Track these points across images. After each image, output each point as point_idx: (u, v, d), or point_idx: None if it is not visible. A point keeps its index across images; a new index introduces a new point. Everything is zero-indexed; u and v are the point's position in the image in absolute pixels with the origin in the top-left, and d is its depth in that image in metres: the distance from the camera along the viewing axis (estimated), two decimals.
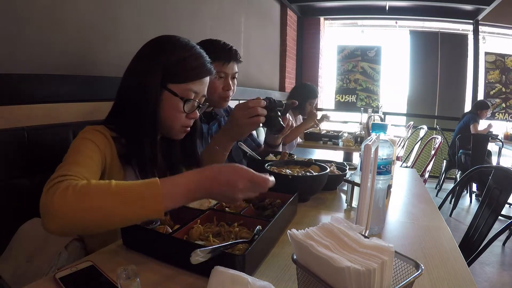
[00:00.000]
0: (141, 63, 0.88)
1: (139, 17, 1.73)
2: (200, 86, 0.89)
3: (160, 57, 0.86)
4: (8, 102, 1.03)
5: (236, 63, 1.37)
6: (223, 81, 1.34)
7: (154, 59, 0.86)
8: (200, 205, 0.84)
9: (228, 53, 1.32)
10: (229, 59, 1.32)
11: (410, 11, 4.76)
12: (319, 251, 0.43)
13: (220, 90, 1.34)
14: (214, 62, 1.28)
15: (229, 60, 1.32)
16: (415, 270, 0.46)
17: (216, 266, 0.53)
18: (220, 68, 1.31)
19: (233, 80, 1.39)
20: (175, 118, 0.88)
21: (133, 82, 0.87)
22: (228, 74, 1.34)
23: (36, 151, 1.06)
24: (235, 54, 1.34)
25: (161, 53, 0.87)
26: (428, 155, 3.54)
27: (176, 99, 0.86)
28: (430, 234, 0.85)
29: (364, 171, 0.60)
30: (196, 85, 0.88)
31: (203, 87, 0.90)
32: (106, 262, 0.63)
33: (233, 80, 1.38)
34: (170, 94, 0.86)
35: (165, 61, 0.85)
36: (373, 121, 2.65)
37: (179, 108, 0.87)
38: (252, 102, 1.07)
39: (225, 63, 1.31)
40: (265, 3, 3.88)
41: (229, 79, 1.35)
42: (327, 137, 2.82)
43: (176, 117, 0.88)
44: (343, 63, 5.42)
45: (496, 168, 1.40)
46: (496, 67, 5.02)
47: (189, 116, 0.90)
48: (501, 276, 2.34)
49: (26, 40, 1.17)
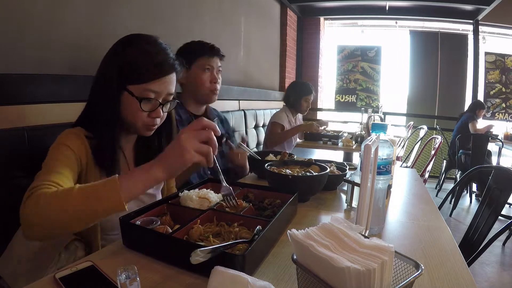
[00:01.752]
0: (102, 64, 0.90)
1: (139, 17, 1.73)
2: (160, 86, 0.87)
3: (118, 57, 0.86)
4: (8, 102, 1.03)
5: (219, 58, 1.46)
6: (210, 74, 1.43)
7: (113, 60, 0.87)
8: (200, 205, 0.84)
9: (211, 48, 1.43)
10: (212, 53, 1.42)
11: (410, 11, 4.76)
12: (319, 251, 0.43)
13: (208, 83, 1.42)
14: (200, 57, 1.40)
15: (212, 54, 1.42)
16: (415, 270, 0.46)
17: (216, 266, 0.53)
18: (206, 61, 1.41)
19: (218, 74, 1.46)
20: (136, 116, 0.87)
21: (95, 83, 0.90)
22: (213, 67, 1.43)
23: (36, 151, 1.06)
24: (217, 50, 1.45)
25: (119, 53, 0.87)
26: (428, 155, 3.53)
27: (133, 99, 0.85)
28: (430, 234, 0.85)
29: (364, 171, 0.60)
30: (155, 84, 0.86)
31: (165, 85, 0.88)
32: (106, 262, 0.63)
33: (218, 74, 1.46)
34: (128, 95, 0.86)
35: (121, 62, 0.85)
36: (373, 121, 2.65)
37: (137, 108, 0.86)
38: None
39: (209, 57, 1.42)
40: (265, 3, 3.88)
41: (214, 72, 1.43)
42: (327, 137, 2.82)
43: (137, 115, 0.87)
44: (343, 63, 5.42)
45: (496, 168, 1.40)
46: (496, 67, 5.02)
47: (151, 115, 0.88)
48: (501, 276, 2.34)
49: (26, 40, 1.17)
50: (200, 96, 1.46)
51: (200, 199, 0.85)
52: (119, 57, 0.86)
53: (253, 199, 0.94)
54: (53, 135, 1.12)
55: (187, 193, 0.88)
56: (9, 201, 0.98)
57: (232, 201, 0.84)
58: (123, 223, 0.70)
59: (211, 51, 1.43)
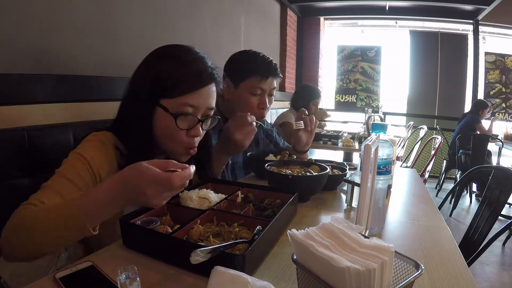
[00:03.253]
0: (133, 77, 0.83)
1: (139, 17, 1.73)
2: (199, 98, 0.78)
3: (150, 69, 0.79)
4: (8, 102, 1.03)
5: (275, 78, 1.26)
6: (259, 98, 1.24)
7: (142, 73, 0.81)
8: (200, 205, 0.84)
9: (268, 67, 1.22)
10: (267, 74, 1.22)
11: (410, 11, 4.76)
12: (319, 251, 0.43)
13: (255, 109, 1.24)
14: (251, 76, 1.21)
15: (267, 75, 1.22)
16: (415, 270, 0.46)
17: (216, 266, 0.53)
18: (257, 84, 1.22)
19: (270, 97, 1.29)
20: (173, 136, 0.79)
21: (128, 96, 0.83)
22: (265, 90, 1.24)
23: (36, 151, 1.06)
24: (274, 69, 1.24)
25: (151, 65, 0.80)
26: (428, 155, 3.53)
27: (168, 115, 0.77)
28: (430, 234, 0.84)
29: (364, 171, 0.60)
30: (193, 97, 0.77)
31: (203, 98, 0.79)
32: (106, 262, 0.63)
33: (270, 97, 1.28)
34: (162, 111, 0.77)
35: (156, 73, 0.78)
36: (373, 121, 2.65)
37: (173, 126, 0.77)
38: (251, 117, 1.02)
39: (262, 79, 1.21)
40: (265, 3, 3.88)
41: (265, 96, 1.26)
42: (327, 137, 2.82)
43: (173, 135, 0.79)
44: (343, 63, 5.42)
45: (496, 168, 1.40)
46: (496, 67, 5.02)
47: (189, 134, 0.80)
48: (501, 276, 2.34)
49: (26, 40, 1.17)
50: None
51: (200, 199, 0.85)
52: (151, 69, 0.79)
53: (253, 199, 0.94)
54: (53, 135, 1.13)
55: (187, 193, 0.88)
56: (9, 201, 0.98)
57: None
58: (123, 223, 0.70)
59: (266, 71, 1.22)
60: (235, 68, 1.26)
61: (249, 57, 1.26)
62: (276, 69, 1.26)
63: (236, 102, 1.27)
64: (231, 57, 1.32)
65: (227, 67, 1.30)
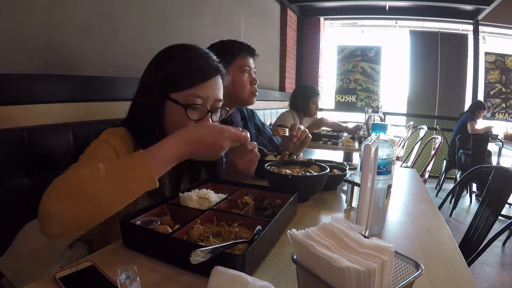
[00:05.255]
0: (143, 77, 0.88)
1: (139, 17, 1.73)
2: (207, 90, 0.83)
3: (159, 68, 0.84)
4: (8, 102, 1.03)
5: (254, 59, 1.39)
6: (249, 75, 1.36)
7: (154, 71, 0.85)
8: (200, 205, 0.84)
9: (247, 47, 1.36)
10: (248, 53, 1.35)
11: (410, 11, 4.76)
12: (319, 251, 0.43)
13: (248, 85, 1.35)
14: (237, 58, 1.33)
15: (249, 53, 1.36)
16: (415, 270, 0.46)
17: (216, 266, 0.53)
18: (244, 62, 1.33)
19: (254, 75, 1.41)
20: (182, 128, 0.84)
21: (138, 95, 0.87)
22: (251, 68, 1.37)
23: (36, 151, 1.06)
24: (253, 50, 1.38)
25: (161, 62, 0.85)
26: (428, 155, 3.54)
27: (180, 108, 0.82)
28: (430, 234, 0.84)
29: (364, 171, 0.60)
30: (200, 89, 0.82)
31: (211, 90, 0.84)
32: (106, 262, 0.63)
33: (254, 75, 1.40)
34: (173, 104, 0.82)
35: (164, 71, 0.83)
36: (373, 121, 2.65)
37: (184, 117, 0.81)
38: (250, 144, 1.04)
39: (247, 57, 1.34)
40: (265, 3, 3.88)
41: (252, 73, 1.38)
42: (327, 137, 2.82)
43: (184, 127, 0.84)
44: (343, 63, 5.42)
45: (496, 168, 1.40)
46: (496, 67, 5.02)
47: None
48: (501, 276, 2.34)
49: (26, 40, 1.17)
50: (240, 100, 1.36)
51: (200, 199, 0.85)
52: (160, 67, 0.84)
53: (253, 199, 0.94)
54: (53, 135, 1.13)
55: (187, 193, 0.88)
56: (9, 201, 0.98)
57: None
58: (123, 223, 0.70)
59: (248, 51, 1.35)
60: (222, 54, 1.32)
61: (229, 43, 1.37)
62: (254, 49, 1.38)
63: (230, 85, 1.31)
64: (211, 46, 1.38)
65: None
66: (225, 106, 0.95)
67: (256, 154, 1.06)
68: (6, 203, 0.97)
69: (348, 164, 1.32)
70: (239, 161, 1.04)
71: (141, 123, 0.84)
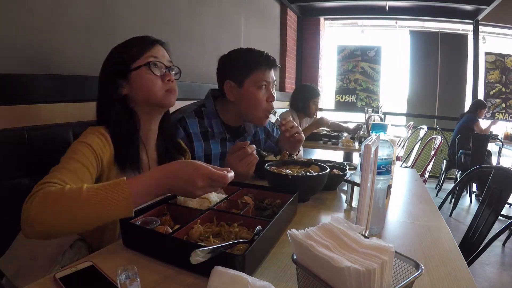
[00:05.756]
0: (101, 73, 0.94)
1: (139, 17, 1.73)
2: (157, 52, 0.93)
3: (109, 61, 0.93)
4: (8, 102, 1.03)
5: (275, 69, 1.28)
6: (266, 91, 1.25)
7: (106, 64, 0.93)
8: (200, 205, 0.84)
9: (267, 59, 1.24)
10: (269, 65, 1.24)
11: (410, 11, 4.76)
12: (319, 251, 0.43)
13: (264, 104, 1.24)
14: (255, 71, 1.21)
15: (269, 66, 1.24)
16: (415, 270, 0.46)
17: (216, 266, 0.53)
18: (262, 77, 1.22)
19: (273, 89, 1.29)
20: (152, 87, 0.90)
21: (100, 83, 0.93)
22: (270, 82, 1.25)
23: (36, 151, 1.06)
24: (273, 60, 1.25)
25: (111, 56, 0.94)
26: (428, 155, 3.53)
27: (143, 69, 0.89)
28: (430, 234, 0.84)
29: (364, 171, 0.60)
30: (152, 52, 0.92)
31: (160, 53, 0.94)
32: (106, 262, 0.63)
33: (273, 89, 1.29)
34: (137, 72, 0.89)
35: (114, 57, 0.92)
36: (373, 121, 2.65)
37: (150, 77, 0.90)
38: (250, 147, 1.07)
39: (266, 71, 1.22)
40: (265, 3, 3.88)
41: (270, 89, 1.26)
42: (327, 137, 2.82)
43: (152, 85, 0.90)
44: (343, 63, 5.42)
45: (496, 168, 1.40)
46: (496, 67, 5.02)
47: (164, 80, 0.92)
48: (501, 276, 2.34)
49: (26, 40, 1.17)
50: (251, 118, 1.28)
51: (200, 199, 0.85)
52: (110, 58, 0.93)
53: (253, 199, 0.94)
54: (53, 135, 1.13)
55: None
56: (9, 201, 0.98)
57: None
58: (123, 223, 0.70)
59: (267, 63, 1.22)
60: (236, 67, 1.25)
61: (246, 54, 1.26)
62: (274, 60, 1.27)
63: (244, 101, 1.25)
64: (224, 59, 1.29)
65: (225, 70, 1.28)
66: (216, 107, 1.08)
67: (255, 157, 1.08)
68: (6, 203, 0.97)
69: (348, 164, 1.32)
70: (238, 164, 1.06)
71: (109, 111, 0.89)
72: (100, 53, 1.39)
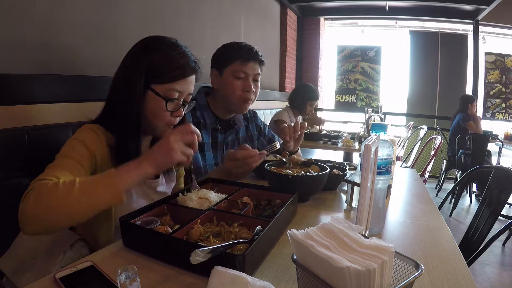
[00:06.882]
0: (127, 64, 0.92)
1: (139, 17, 1.73)
2: (184, 85, 0.91)
3: (143, 58, 0.88)
4: (8, 102, 1.03)
5: (258, 63, 1.32)
6: (243, 81, 1.30)
7: (138, 61, 0.89)
8: (200, 205, 0.84)
9: (248, 52, 1.30)
10: (248, 58, 1.29)
11: (410, 11, 4.76)
12: (319, 251, 0.43)
13: (239, 91, 1.30)
14: (234, 61, 1.29)
15: (248, 59, 1.28)
16: (415, 270, 0.46)
17: (216, 266, 0.53)
18: (239, 68, 1.28)
19: (256, 82, 1.34)
20: (160, 116, 0.91)
21: (119, 82, 0.91)
22: (249, 74, 1.30)
23: (36, 151, 1.06)
24: (255, 54, 1.30)
25: (145, 54, 0.89)
26: (428, 155, 3.54)
27: (159, 99, 0.88)
28: (430, 234, 0.85)
29: (364, 171, 0.60)
30: (179, 84, 0.90)
31: (187, 86, 0.92)
32: (106, 262, 0.63)
33: (255, 82, 1.33)
34: (154, 94, 0.88)
35: (148, 62, 0.88)
36: (373, 121, 2.65)
37: (162, 107, 0.89)
38: (240, 153, 1.07)
39: (243, 62, 1.28)
40: (265, 3, 3.88)
41: (249, 80, 1.31)
42: (327, 137, 2.82)
43: (161, 115, 0.91)
44: (343, 63, 5.42)
45: (496, 168, 1.40)
46: (496, 67, 5.02)
47: (173, 115, 0.93)
48: (501, 276, 2.34)
49: (26, 40, 1.17)
50: (230, 105, 1.35)
51: (200, 199, 0.85)
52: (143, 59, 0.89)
53: (253, 199, 0.94)
54: (53, 135, 1.13)
55: (186, 193, 0.88)
56: (9, 201, 0.98)
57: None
58: (123, 223, 0.70)
59: (246, 55, 1.28)
60: (219, 57, 1.34)
61: (231, 46, 1.34)
62: (257, 54, 1.31)
63: (222, 89, 1.34)
64: (217, 49, 1.38)
65: (213, 59, 1.37)
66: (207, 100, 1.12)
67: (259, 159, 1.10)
68: (6, 203, 0.97)
69: (348, 164, 1.32)
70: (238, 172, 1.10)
71: (121, 114, 0.88)
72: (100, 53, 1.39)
